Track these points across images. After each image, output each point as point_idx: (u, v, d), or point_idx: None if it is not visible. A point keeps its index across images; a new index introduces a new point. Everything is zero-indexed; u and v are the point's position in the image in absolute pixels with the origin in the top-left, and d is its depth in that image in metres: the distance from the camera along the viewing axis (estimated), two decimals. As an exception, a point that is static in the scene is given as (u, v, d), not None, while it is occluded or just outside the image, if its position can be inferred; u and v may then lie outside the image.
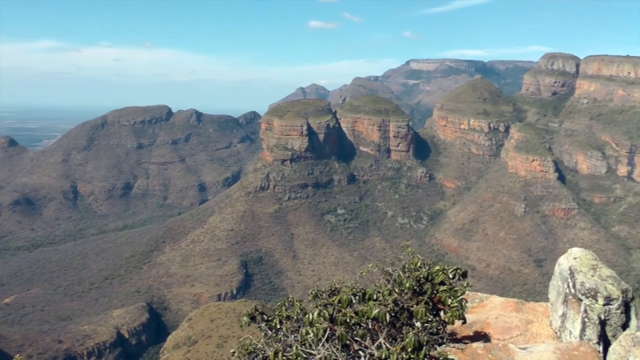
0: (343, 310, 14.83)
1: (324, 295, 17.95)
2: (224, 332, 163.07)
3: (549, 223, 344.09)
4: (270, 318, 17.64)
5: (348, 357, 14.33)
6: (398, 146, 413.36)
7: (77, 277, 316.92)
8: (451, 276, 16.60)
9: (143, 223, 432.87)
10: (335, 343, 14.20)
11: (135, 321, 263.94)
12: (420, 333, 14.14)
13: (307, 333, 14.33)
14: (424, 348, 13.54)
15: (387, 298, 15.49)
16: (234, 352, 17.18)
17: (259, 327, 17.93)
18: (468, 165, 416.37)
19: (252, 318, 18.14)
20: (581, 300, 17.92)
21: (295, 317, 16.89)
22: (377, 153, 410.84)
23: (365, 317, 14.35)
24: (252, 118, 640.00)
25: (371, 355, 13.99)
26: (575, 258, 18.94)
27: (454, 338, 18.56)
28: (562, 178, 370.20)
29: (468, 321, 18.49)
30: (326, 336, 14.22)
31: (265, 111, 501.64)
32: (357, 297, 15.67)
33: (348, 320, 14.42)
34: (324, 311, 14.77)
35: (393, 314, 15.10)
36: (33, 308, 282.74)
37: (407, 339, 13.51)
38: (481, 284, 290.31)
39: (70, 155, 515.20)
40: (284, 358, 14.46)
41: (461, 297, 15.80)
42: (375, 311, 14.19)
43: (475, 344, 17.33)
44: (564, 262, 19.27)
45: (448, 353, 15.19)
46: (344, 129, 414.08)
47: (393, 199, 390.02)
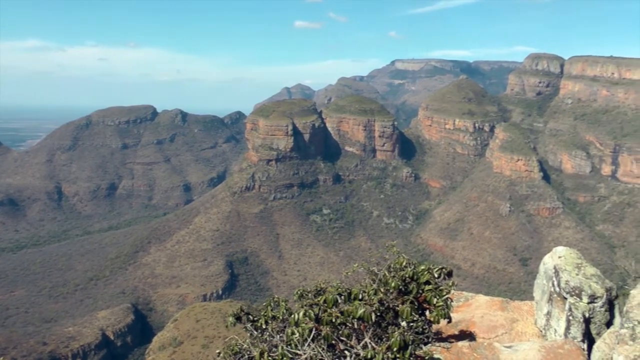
0: (329, 310, 14.81)
1: (310, 295, 17.94)
2: (210, 333, 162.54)
3: (534, 222, 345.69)
4: (255, 318, 17.60)
5: (334, 357, 14.30)
6: (383, 146, 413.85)
7: (62, 279, 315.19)
8: (436, 275, 16.63)
9: (128, 224, 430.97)
10: (321, 343, 14.18)
11: (120, 322, 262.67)
12: (405, 332, 14.15)
13: (293, 333, 14.30)
14: (410, 347, 13.55)
15: (373, 298, 15.49)
16: (220, 353, 17.12)
17: (245, 328, 17.88)
18: (453, 165, 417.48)
19: (238, 318, 18.08)
20: (566, 298, 18.01)
21: (281, 317, 16.86)
22: (363, 153, 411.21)
23: (350, 317, 14.34)
24: (238, 118, 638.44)
25: (357, 354, 13.98)
26: (560, 257, 19.03)
27: (440, 337, 18.59)
28: (547, 177, 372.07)
29: (453, 320, 18.53)
30: (312, 336, 14.19)
31: (250, 111, 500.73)
32: (343, 297, 15.65)
33: (334, 320, 14.40)
34: (310, 311, 14.74)
35: (379, 314, 15.11)
36: (17, 310, 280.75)
37: (393, 339, 13.52)
38: (466, 283, 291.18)
39: (54, 155, 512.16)
40: (270, 358, 14.43)
41: (446, 297, 15.83)
42: (360, 311, 14.18)
43: (460, 343, 17.36)
44: (549, 261, 19.36)
45: (434, 352, 15.21)
46: (330, 129, 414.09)
47: (378, 199, 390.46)
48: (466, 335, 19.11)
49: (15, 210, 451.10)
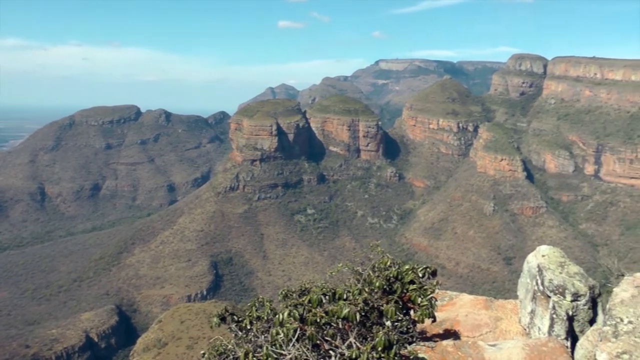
0: (313, 310, 14.79)
1: (294, 295, 17.90)
2: (194, 334, 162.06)
3: (518, 221, 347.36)
4: (240, 319, 17.55)
5: (319, 357, 14.29)
6: (367, 146, 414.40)
7: (45, 280, 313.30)
8: (421, 275, 16.65)
9: (112, 224, 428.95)
10: (305, 343, 14.17)
11: (104, 324, 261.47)
12: (390, 332, 14.16)
13: (278, 333, 14.28)
14: (394, 347, 13.56)
15: (357, 297, 15.49)
16: (204, 354, 17.07)
17: (229, 328, 17.84)
18: (437, 164, 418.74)
19: (222, 319, 18.03)
20: (549, 296, 18.09)
21: (265, 318, 16.83)
22: (347, 153, 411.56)
23: (335, 317, 14.33)
24: (222, 118, 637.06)
25: (342, 354, 13.97)
26: (543, 255, 19.12)
27: (424, 336, 18.62)
28: (531, 177, 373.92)
29: (438, 319, 18.57)
30: (296, 336, 14.18)
31: (234, 111, 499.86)
32: (327, 297, 15.64)
33: (318, 320, 14.39)
34: (294, 311, 14.72)
35: (363, 314, 15.11)
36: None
37: (378, 338, 13.52)
38: (451, 283, 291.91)
39: (37, 155, 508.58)
40: (255, 358, 14.39)
41: (431, 296, 15.86)
42: (345, 311, 14.17)
43: (445, 342, 17.40)
44: (533, 260, 19.44)
45: (418, 352, 15.22)
46: (314, 129, 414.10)
47: (363, 199, 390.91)
48: (451, 334, 19.16)
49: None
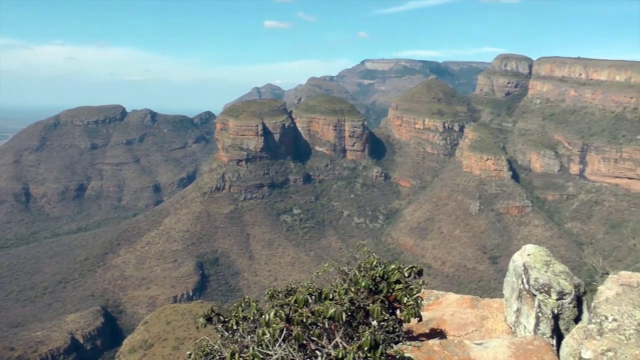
0: (299, 310, 14.79)
1: (280, 295, 17.89)
2: (181, 335, 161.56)
3: (504, 221, 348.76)
4: (226, 319, 17.52)
5: (305, 357, 14.28)
6: (353, 146, 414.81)
7: (30, 282, 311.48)
8: (407, 274, 16.67)
9: (97, 225, 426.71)
10: (292, 343, 14.15)
11: (90, 326, 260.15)
12: (376, 332, 14.17)
13: (264, 333, 14.25)
14: (381, 347, 13.56)
15: (343, 297, 15.49)
16: (191, 354, 17.02)
17: (216, 329, 17.80)
18: (423, 164, 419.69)
19: (209, 319, 18.00)
20: (535, 295, 18.16)
21: (251, 318, 16.80)
22: (333, 153, 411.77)
23: (321, 317, 14.32)
24: (207, 118, 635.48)
25: (328, 354, 13.96)
26: (529, 254, 19.19)
27: (411, 336, 18.65)
28: (516, 176, 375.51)
29: (424, 319, 18.59)
30: (283, 336, 14.16)
31: (220, 111, 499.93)
32: (314, 297, 15.64)
33: (304, 320, 14.38)
34: (281, 311, 14.70)
35: (349, 313, 15.10)
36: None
37: (364, 338, 13.52)
38: (437, 282, 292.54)
39: (21, 156, 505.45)
40: (241, 359, 14.36)
41: (417, 295, 15.87)
42: (331, 310, 14.17)
43: (431, 341, 17.42)
44: (518, 259, 19.51)
45: (404, 351, 15.23)
46: (300, 129, 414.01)
47: (349, 199, 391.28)
48: (437, 333, 19.20)
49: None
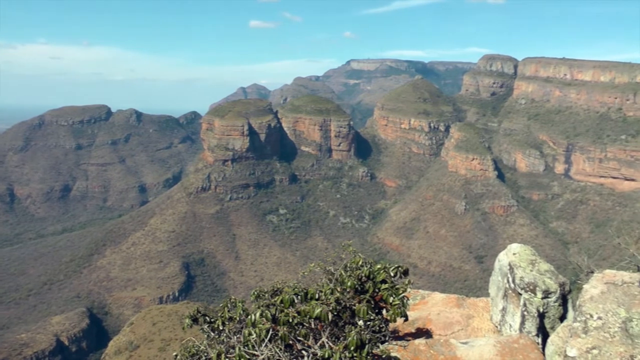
0: (285, 310, 14.77)
1: (267, 295, 17.86)
2: (166, 336, 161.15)
3: (489, 220, 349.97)
4: (212, 320, 17.51)
5: (291, 357, 14.27)
6: (339, 146, 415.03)
7: (14, 284, 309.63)
8: (392, 274, 16.68)
9: (83, 226, 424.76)
10: (278, 343, 14.15)
11: (75, 327, 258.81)
12: (362, 331, 14.17)
13: (250, 334, 14.23)
14: (367, 346, 13.57)
15: (329, 297, 15.48)
16: (177, 355, 17.01)
17: (202, 329, 17.79)
18: (409, 164, 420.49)
19: (195, 320, 17.96)
20: (520, 294, 18.23)
21: (237, 318, 16.78)
22: (319, 153, 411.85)
23: (307, 317, 14.32)
24: (193, 118, 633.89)
25: (314, 354, 13.96)
26: (514, 254, 19.26)
27: (397, 335, 18.68)
28: (502, 176, 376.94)
29: (410, 318, 18.62)
30: (269, 336, 14.14)
31: (206, 111, 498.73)
32: (300, 297, 15.63)
33: (290, 320, 14.37)
34: (267, 312, 14.69)
35: (335, 313, 15.10)
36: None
37: (350, 338, 13.53)
38: (423, 281, 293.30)
39: (6, 156, 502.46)
40: (227, 359, 14.34)
41: (403, 295, 15.89)
42: (317, 310, 14.17)
43: (417, 341, 17.45)
44: (504, 258, 19.58)
45: (391, 350, 15.26)
46: (285, 129, 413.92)
47: (335, 199, 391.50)
48: (423, 332, 19.24)
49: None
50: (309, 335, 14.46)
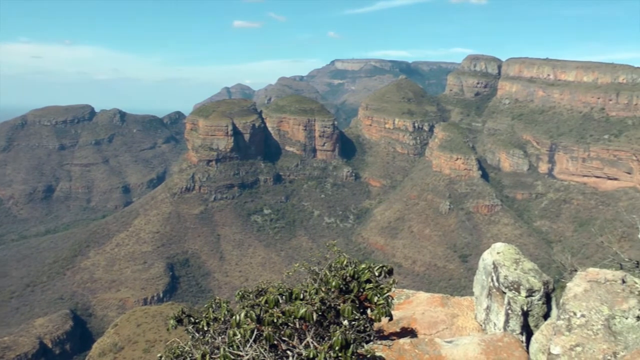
0: (270, 310, 14.73)
1: (251, 296, 17.82)
2: (151, 337, 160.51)
3: (473, 219, 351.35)
4: (197, 320, 17.43)
5: (276, 357, 14.24)
6: (324, 146, 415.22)
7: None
8: (377, 274, 16.67)
9: (66, 227, 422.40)
10: (263, 343, 14.11)
11: (58, 329, 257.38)
12: (347, 331, 14.16)
13: (235, 334, 14.18)
14: (352, 346, 13.56)
15: (314, 297, 15.46)
16: (161, 357, 16.94)
17: (186, 330, 17.70)
18: (393, 164, 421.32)
19: (179, 321, 17.88)
20: (505, 293, 18.30)
21: (222, 319, 16.71)
22: (303, 153, 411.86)
23: (292, 317, 14.29)
24: (177, 118, 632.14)
25: (299, 354, 13.94)
26: (498, 253, 19.33)
27: (382, 335, 18.69)
28: (486, 176, 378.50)
29: (395, 318, 18.66)
30: (254, 337, 14.10)
31: (190, 111, 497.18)
32: (284, 297, 15.59)
33: (275, 320, 14.34)
34: (251, 312, 14.64)
35: (320, 313, 15.08)
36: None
37: (335, 338, 13.51)
38: (407, 281, 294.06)
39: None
40: (212, 360, 14.31)
41: (387, 295, 15.89)
42: (302, 310, 14.14)
43: (402, 340, 17.47)
44: (488, 257, 19.64)
45: (375, 350, 15.27)
46: (270, 129, 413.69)
47: (319, 199, 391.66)
48: (408, 332, 19.26)
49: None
50: (294, 335, 14.44)
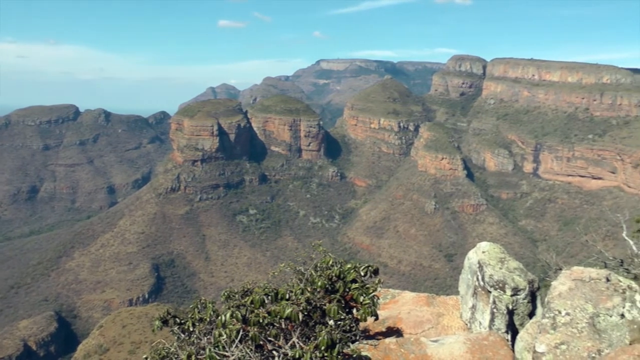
0: (256, 310, 14.71)
1: (237, 296, 17.78)
2: (136, 338, 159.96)
3: (459, 219, 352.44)
4: (183, 321, 17.38)
5: (262, 358, 14.23)
6: (309, 145, 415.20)
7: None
8: (363, 274, 16.68)
9: (50, 228, 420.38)
10: (248, 344, 14.09)
11: (43, 331, 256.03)
12: (333, 331, 14.16)
13: (220, 335, 14.17)
14: (337, 346, 13.56)
15: (300, 297, 15.46)
16: (147, 358, 16.88)
17: (172, 331, 17.65)
18: (379, 163, 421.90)
19: (165, 322, 17.82)
20: (490, 292, 18.35)
21: (208, 319, 16.66)
22: (288, 153, 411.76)
23: (278, 317, 14.28)
24: (162, 118, 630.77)
25: (285, 354, 13.94)
26: (483, 252, 19.37)
27: (367, 335, 18.69)
28: (471, 175, 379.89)
29: (381, 317, 18.66)
30: (239, 337, 14.09)
31: (175, 111, 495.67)
32: (270, 297, 15.58)
33: (261, 320, 14.32)
34: (237, 312, 14.62)
35: (306, 313, 15.08)
36: None
37: (320, 338, 13.51)
38: (393, 281, 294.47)
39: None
40: (197, 361, 14.28)
41: (373, 294, 15.89)
42: (288, 311, 14.13)
43: (388, 340, 17.48)
44: (473, 256, 19.69)
45: (361, 350, 15.27)
46: (255, 129, 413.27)
47: (305, 199, 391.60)
48: (393, 331, 19.27)
49: None
50: (280, 335, 14.43)
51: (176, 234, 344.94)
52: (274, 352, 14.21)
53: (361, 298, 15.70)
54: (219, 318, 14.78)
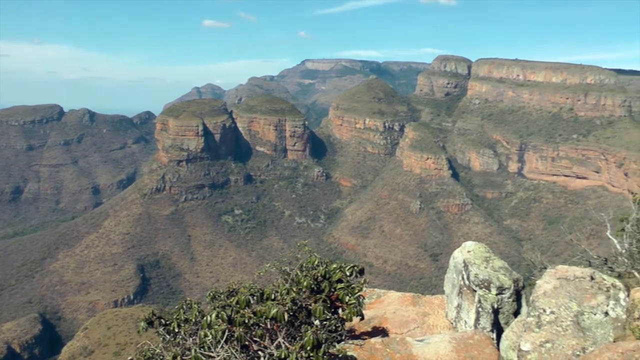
0: (241, 311, 14.70)
1: (222, 296, 17.75)
2: (122, 340, 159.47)
3: (444, 218, 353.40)
4: (168, 322, 17.33)
5: (247, 358, 14.21)
6: (294, 145, 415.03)
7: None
8: (348, 274, 16.69)
9: (35, 229, 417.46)
10: (234, 344, 14.07)
11: (27, 334, 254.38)
12: (319, 331, 14.16)
13: (206, 335, 14.14)
14: (323, 346, 13.56)
15: (285, 297, 15.45)
16: (132, 359, 16.83)
17: (157, 332, 17.60)
18: (364, 163, 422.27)
19: (150, 323, 17.77)
20: (475, 291, 18.42)
21: (193, 320, 16.63)
22: (274, 153, 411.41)
23: (263, 317, 14.26)
24: (147, 118, 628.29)
25: (270, 355, 13.92)
26: (469, 251, 19.45)
27: (353, 334, 18.72)
28: (456, 175, 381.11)
29: (366, 317, 18.68)
30: (225, 337, 14.05)
31: (160, 111, 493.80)
32: (255, 298, 15.56)
33: (246, 320, 14.30)
34: (222, 312, 14.59)
35: (291, 313, 15.08)
36: None
37: (306, 338, 13.51)
38: (379, 280, 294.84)
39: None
40: (182, 361, 14.24)
41: (359, 294, 15.90)
42: (273, 311, 14.11)
43: (373, 339, 17.50)
44: (459, 256, 19.76)
45: (347, 350, 15.28)
46: (240, 129, 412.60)
47: (290, 199, 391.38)
48: (379, 331, 19.30)
49: None
50: (265, 335, 14.41)
51: (161, 235, 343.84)
52: (260, 353, 14.20)
53: (347, 298, 15.70)
54: (205, 319, 14.75)
